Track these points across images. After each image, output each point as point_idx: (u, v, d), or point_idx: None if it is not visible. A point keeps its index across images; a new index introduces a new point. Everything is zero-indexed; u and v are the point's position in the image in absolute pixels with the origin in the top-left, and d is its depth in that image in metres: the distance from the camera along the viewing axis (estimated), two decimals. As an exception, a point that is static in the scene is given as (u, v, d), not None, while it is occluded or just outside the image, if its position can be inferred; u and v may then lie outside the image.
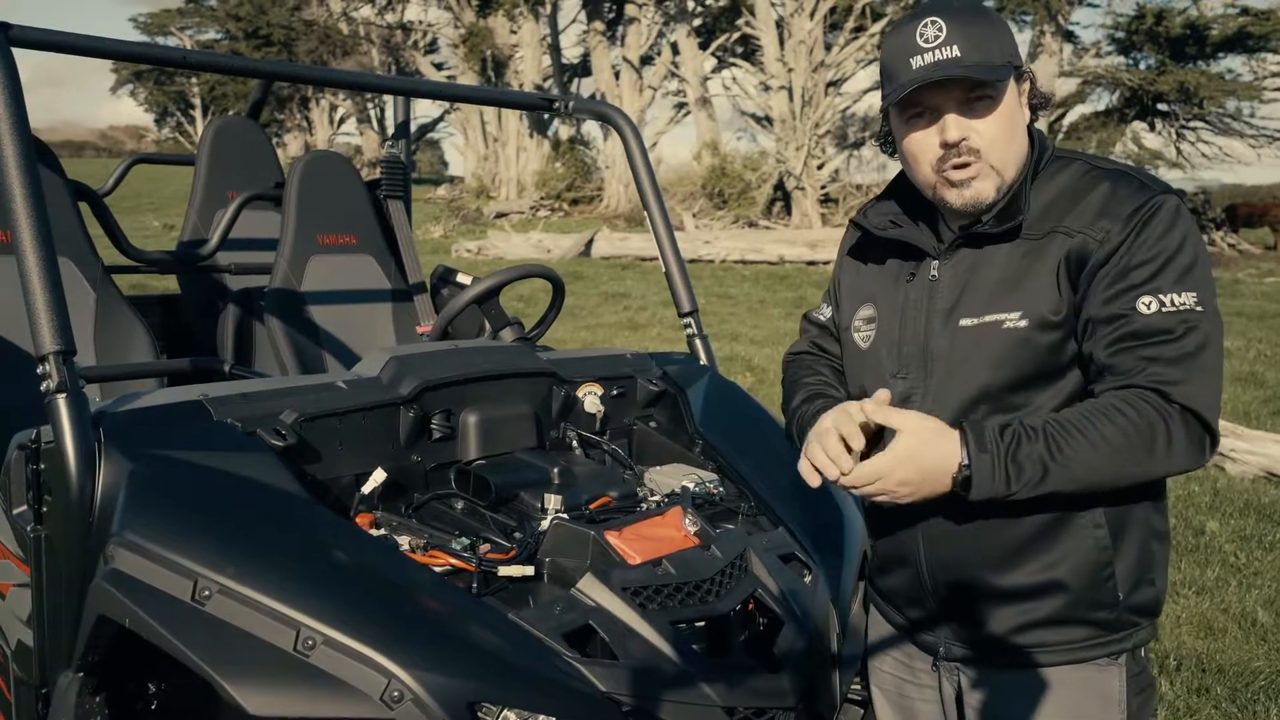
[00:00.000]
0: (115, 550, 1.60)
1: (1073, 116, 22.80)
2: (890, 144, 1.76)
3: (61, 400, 1.72)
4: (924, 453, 1.52)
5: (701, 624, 1.94)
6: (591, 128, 32.60)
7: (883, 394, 1.58)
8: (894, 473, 1.53)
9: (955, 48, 1.58)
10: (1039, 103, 1.71)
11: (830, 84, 24.39)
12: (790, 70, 23.31)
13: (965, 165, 1.62)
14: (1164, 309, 1.53)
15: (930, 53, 1.59)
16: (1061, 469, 1.50)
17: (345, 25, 35.80)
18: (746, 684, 1.77)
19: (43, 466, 1.76)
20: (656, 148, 29.19)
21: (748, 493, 2.33)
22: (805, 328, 2.04)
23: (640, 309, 13.48)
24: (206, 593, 1.54)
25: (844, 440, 1.56)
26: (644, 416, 2.61)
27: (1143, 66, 21.53)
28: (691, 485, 2.27)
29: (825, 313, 1.99)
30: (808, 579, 2.11)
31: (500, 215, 25.69)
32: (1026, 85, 1.68)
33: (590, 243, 18.76)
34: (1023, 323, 1.61)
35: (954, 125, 1.61)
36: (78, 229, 2.88)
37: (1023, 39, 22.94)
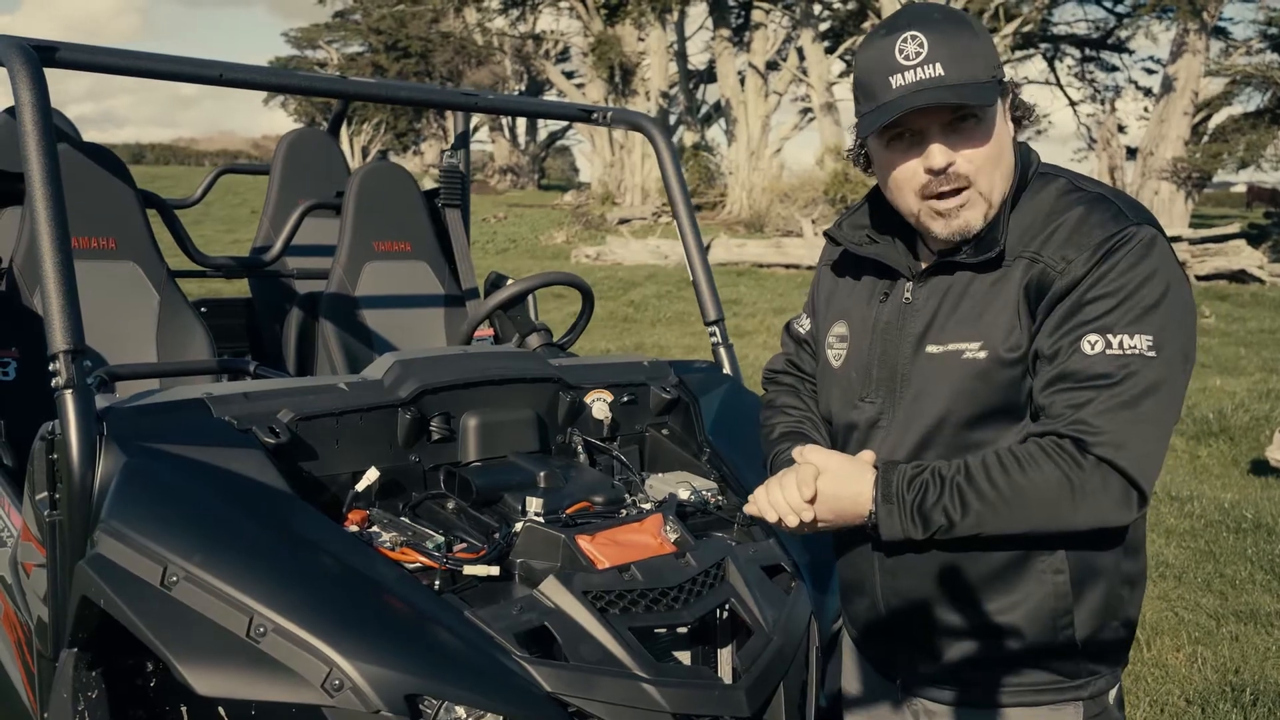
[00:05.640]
0: (100, 536, 1.72)
1: (1220, 118, 21.62)
2: (867, 162, 1.68)
3: (69, 395, 1.85)
4: (839, 493, 1.53)
5: (683, 630, 1.96)
6: (716, 134, 32.61)
7: (866, 455, 1.60)
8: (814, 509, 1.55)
9: (939, 65, 1.47)
10: (1021, 114, 1.61)
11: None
12: (917, 73, 22.82)
13: (954, 193, 1.53)
14: (1108, 350, 1.43)
15: (912, 71, 1.48)
16: (967, 521, 1.47)
17: (480, 36, 36.81)
18: (700, 692, 1.79)
19: (55, 457, 1.90)
20: (780, 154, 28.98)
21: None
22: (784, 341, 2.00)
23: (749, 315, 13.43)
24: (174, 578, 1.64)
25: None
26: (657, 424, 2.63)
27: (1298, 64, 20.28)
28: (685, 493, 2.29)
29: (805, 324, 1.93)
30: (791, 592, 2.10)
31: (623, 221, 25.95)
32: (1009, 98, 1.58)
33: (707, 249, 18.77)
34: (981, 354, 1.53)
35: (939, 152, 1.51)
36: (145, 235, 3.08)
37: (1165, 37, 21.90)
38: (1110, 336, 1.43)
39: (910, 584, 1.65)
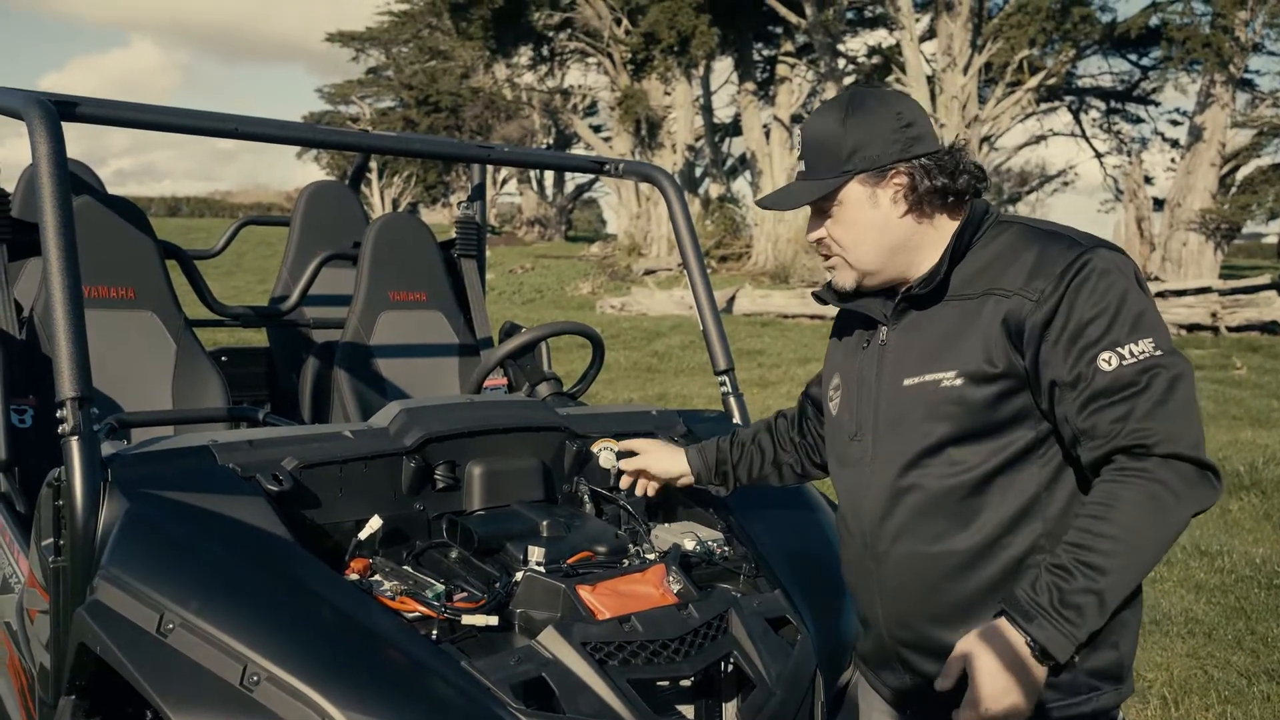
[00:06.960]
0: (99, 583, 1.73)
1: (1248, 169, 21.50)
2: None
3: (74, 443, 1.87)
4: (993, 660, 1.52)
5: (686, 683, 1.94)
6: (741, 186, 32.84)
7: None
8: (989, 694, 1.52)
9: (804, 162, 1.74)
10: (932, 189, 1.69)
11: (984, 139, 23.86)
12: (942, 126, 22.91)
13: (829, 255, 1.78)
14: (1125, 362, 1.54)
15: (799, 163, 1.75)
16: (1109, 581, 1.50)
17: (509, 91, 37.36)
18: (698, 747, 1.76)
19: (60, 503, 1.92)
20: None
21: (753, 553, 2.31)
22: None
23: (773, 366, 13.42)
24: (170, 626, 1.65)
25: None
26: (665, 473, 2.61)
27: (1326, 115, 20.21)
28: (691, 544, 2.27)
29: (816, 387, 2.14)
30: (797, 645, 2.07)
31: (648, 272, 26.05)
32: (902, 179, 1.69)
33: (732, 300, 18.82)
34: (958, 380, 1.64)
35: (810, 226, 1.78)
36: (163, 285, 3.13)
37: (1193, 89, 21.88)
38: (1120, 349, 1.54)
39: (909, 607, 1.72)
